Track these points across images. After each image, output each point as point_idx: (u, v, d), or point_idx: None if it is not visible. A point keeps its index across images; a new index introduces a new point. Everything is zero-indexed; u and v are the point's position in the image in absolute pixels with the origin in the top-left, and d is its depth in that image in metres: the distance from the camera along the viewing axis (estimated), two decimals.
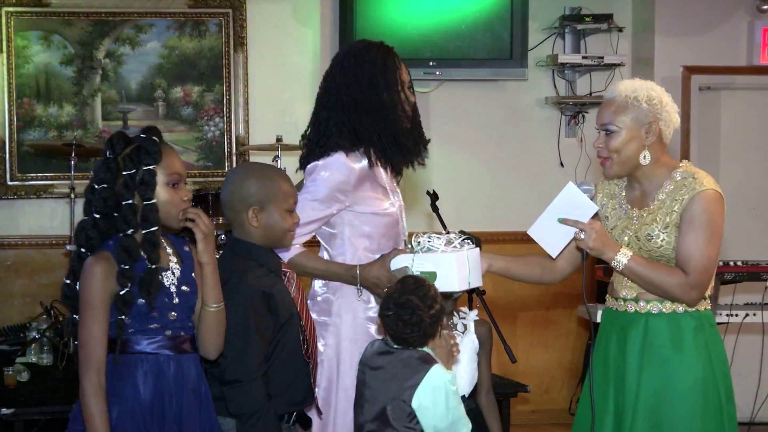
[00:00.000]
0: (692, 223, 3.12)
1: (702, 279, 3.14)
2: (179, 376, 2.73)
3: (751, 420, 5.97)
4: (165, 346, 2.73)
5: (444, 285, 3.08)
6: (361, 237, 3.38)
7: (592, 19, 6.31)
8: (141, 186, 2.69)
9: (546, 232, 3.15)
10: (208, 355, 2.82)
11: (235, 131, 6.19)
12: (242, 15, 6.17)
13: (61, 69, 6.05)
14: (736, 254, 5.86)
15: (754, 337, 5.90)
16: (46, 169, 6.05)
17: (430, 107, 6.35)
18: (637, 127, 3.17)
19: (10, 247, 6.04)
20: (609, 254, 3.12)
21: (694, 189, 3.14)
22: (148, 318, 2.70)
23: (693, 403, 3.12)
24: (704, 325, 3.20)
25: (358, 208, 3.36)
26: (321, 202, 3.31)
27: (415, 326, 2.92)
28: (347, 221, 3.38)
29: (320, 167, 3.34)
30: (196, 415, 2.75)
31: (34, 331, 5.17)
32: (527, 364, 6.00)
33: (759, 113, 6.67)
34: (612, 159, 3.19)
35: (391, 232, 3.43)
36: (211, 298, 2.78)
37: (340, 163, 3.33)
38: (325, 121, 3.39)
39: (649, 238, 3.17)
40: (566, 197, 3.12)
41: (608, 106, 3.21)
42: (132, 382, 2.69)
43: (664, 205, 3.17)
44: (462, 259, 3.09)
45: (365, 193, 3.37)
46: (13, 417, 4.30)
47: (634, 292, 3.22)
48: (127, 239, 2.68)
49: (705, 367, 3.15)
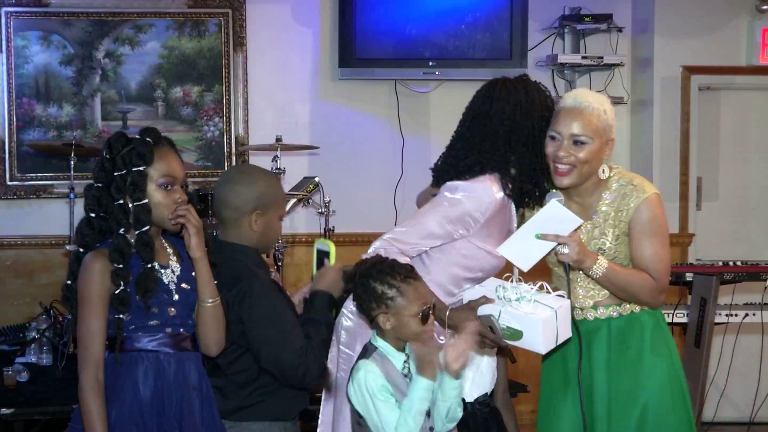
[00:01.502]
0: (645, 231, 3.16)
1: (665, 282, 3.21)
2: (180, 374, 2.74)
3: (751, 420, 5.96)
4: (165, 344, 2.73)
5: (530, 345, 3.02)
6: (463, 268, 3.27)
7: (591, 19, 6.31)
8: (130, 187, 2.70)
9: (520, 247, 3.12)
10: (209, 352, 2.83)
11: (234, 131, 6.19)
12: (242, 15, 6.17)
13: (61, 69, 6.05)
14: (735, 254, 5.87)
15: (753, 337, 5.89)
16: (45, 169, 6.05)
17: (429, 107, 6.35)
18: (602, 140, 3.17)
19: (9, 247, 6.04)
20: (588, 263, 3.13)
21: (638, 197, 3.16)
22: (147, 315, 2.70)
23: (664, 401, 3.17)
24: (660, 323, 3.28)
25: (477, 241, 3.24)
26: (449, 222, 3.19)
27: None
28: (458, 248, 3.25)
29: (463, 188, 3.21)
30: (197, 414, 2.75)
31: (34, 331, 5.15)
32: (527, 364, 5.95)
33: (759, 113, 6.67)
34: (576, 168, 3.16)
35: (492, 273, 3.30)
36: (206, 293, 2.77)
37: (485, 192, 3.20)
38: (476, 143, 3.26)
39: (601, 251, 3.18)
40: (549, 213, 3.10)
41: (577, 116, 3.15)
42: (132, 380, 2.70)
43: (609, 216, 3.19)
44: (550, 322, 2.98)
45: (491, 230, 3.25)
46: (13, 417, 4.30)
47: (591, 301, 3.25)
48: (119, 239, 2.69)
49: (668, 363, 3.22)
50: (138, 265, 2.70)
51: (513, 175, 3.24)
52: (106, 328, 2.69)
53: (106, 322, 2.69)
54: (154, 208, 2.72)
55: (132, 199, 2.70)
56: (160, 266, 2.75)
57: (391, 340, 2.90)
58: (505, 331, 3.01)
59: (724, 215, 6.65)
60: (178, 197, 2.74)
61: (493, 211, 3.22)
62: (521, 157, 3.23)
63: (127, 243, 2.68)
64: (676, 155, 6.39)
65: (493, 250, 3.23)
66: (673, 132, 6.39)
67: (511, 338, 3.02)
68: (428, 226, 3.19)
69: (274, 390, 2.98)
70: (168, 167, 2.74)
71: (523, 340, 3.01)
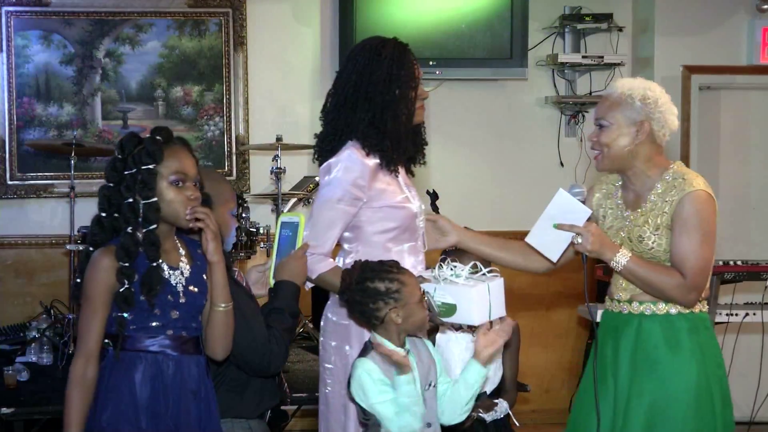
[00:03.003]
0: (685, 225, 3.11)
1: (699, 281, 3.13)
2: (178, 377, 2.73)
3: (751, 420, 5.96)
4: (166, 346, 2.73)
5: (464, 318, 3.05)
6: (382, 233, 3.27)
7: (592, 19, 6.31)
8: (140, 185, 2.70)
9: (544, 238, 3.16)
10: (215, 356, 2.82)
11: (235, 131, 6.19)
12: (242, 15, 6.17)
13: (61, 68, 6.05)
14: (736, 254, 5.86)
15: (754, 337, 5.89)
16: (45, 169, 6.05)
17: (430, 107, 6.29)
18: (627, 125, 3.18)
19: (10, 246, 6.04)
20: (608, 255, 3.12)
21: (684, 190, 3.13)
22: (149, 315, 2.70)
23: (685, 407, 3.11)
24: (699, 327, 3.19)
25: (375, 203, 3.25)
26: (339, 201, 3.20)
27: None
28: (366, 219, 3.25)
29: (332, 165, 3.24)
30: (195, 417, 2.74)
31: (34, 330, 5.15)
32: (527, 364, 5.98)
33: (759, 113, 6.67)
34: (602, 153, 3.22)
35: (410, 225, 3.30)
36: (221, 297, 2.77)
37: (352, 159, 3.22)
38: (336, 117, 3.31)
39: (640, 240, 3.17)
40: (559, 203, 3.13)
41: (604, 101, 3.24)
42: (129, 381, 2.69)
43: (656, 206, 3.17)
44: (482, 293, 3.02)
45: (380, 186, 3.26)
46: (13, 416, 4.30)
47: (628, 294, 3.22)
48: (126, 237, 2.69)
49: (699, 370, 3.13)
50: (145, 264, 2.70)
51: (373, 138, 3.24)
52: (104, 325, 2.69)
53: (106, 319, 2.69)
54: (167, 206, 2.72)
55: (141, 197, 2.70)
56: (169, 267, 2.75)
57: (394, 335, 2.91)
58: (441, 307, 3.03)
59: (725, 215, 6.59)
60: (191, 194, 2.74)
61: (370, 173, 3.23)
62: (376, 120, 3.24)
63: (134, 241, 2.68)
64: (677, 155, 6.38)
65: (393, 201, 3.25)
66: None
67: (446, 314, 3.04)
68: (325, 216, 3.20)
69: (239, 387, 2.97)
70: (179, 164, 2.74)
71: (457, 314, 3.03)
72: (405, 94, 3.28)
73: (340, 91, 3.33)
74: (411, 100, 3.29)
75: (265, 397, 3.05)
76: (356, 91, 3.28)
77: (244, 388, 2.99)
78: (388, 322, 2.90)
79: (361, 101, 3.27)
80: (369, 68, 3.28)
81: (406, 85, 3.27)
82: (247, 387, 2.99)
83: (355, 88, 3.28)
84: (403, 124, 3.28)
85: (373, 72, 3.27)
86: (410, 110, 3.29)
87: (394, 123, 3.26)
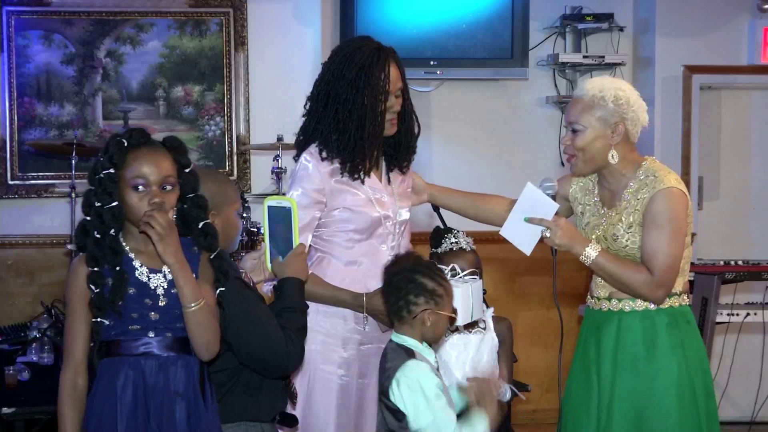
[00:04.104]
0: (654, 222, 3.13)
1: (667, 277, 3.14)
2: (162, 379, 2.68)
3: (752, 419, 5.96)
4: (150, 347, 2.68)
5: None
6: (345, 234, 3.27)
7: (592, 19, 6.31)
8: (100, 189, 2.68)
9: (516, 231, 3.20)
10: (200, 357, 2.74)
11: (235, 131, 6.19)
12: (243, 14, 6.17)
13: (62, 68, 6.06)
14: (736, 254, 5.87)
15: (754, 337, 5.90)
16: (46, 169, 6.06)
17: (430, 107, 6.35)
18: (602, 127, 3.18)
19: (10, 246, 6.04)
20: (577, 249, 3.15)
21: (655, 187, 3.14)
22: (128, 320, 2.67)
23: (668, 402, 3.13)
24: (679, 322, 3.20)
25: (336, 204, 3.26)
26: (303, 208, 3.19)
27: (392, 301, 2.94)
28: (331, 222, 3.27)
29: (293, 173, 3.29)
30: (181, 419, 2.68)
31: (35, 330, 5.16)
32: (527, 364, 5.99)
33: (760, 113, 6.67)
34: (577, 157, 3.23)
35: (369, 229, 3.29)
36: (186, 298, 2.68)
37: (303, 167, 3.26)
38: (308, 118, 3.33)
39: (615, 238, 3.18)
40: (528, 197, 3.17)
41: (575, 104, 3.23)
42: (111, 387, 2.66)
43: (629, 205, 3.19)
44: (466, 294, 3.06)
45: (339, 188, 3.26)
46: (14, 416, 4.30)
47: (607, 291, 3.24)
48: (91, 242, 2.67)
49: (679, 364, 3.15)
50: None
51: (332, 144, 3.25)
52: (88, 332, 2.68)
53: (88, 326, 2.67)
54: (128, 210, 2.68)
55: (103, 202, 2.68)
56: (150, 270, 2.70)
57: (418, 335, 2.92)
58: None
59: (726, 215, 6.65)
60: (154, 199, 2.67)
61: (322, 176, 3.24)
62: (340, 126, 3.24)
63: (99, 246, 2.66)
64: (678, 155, 6.38)
65: (352, 204, 3.25)
66: (674, 131, 6.39)
67: None
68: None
69: (253, 390, 2.96)
70: (138, 169, 2.68)
71: None
72: (373, 105, 3.23)
73: (314, 91, 3.34)
74: (379, 112, 3.24)
75: (278, 399, 3.05)
76: (327, 94, 3.28)
77: (258, 390, 2.97)
78: (419, 320, 2.89)
79: (331, 104, 3.27)
80: (339, 72, 3.27)
81: (372, 96, 3.23)
82: (262, 389, 2.98)
83: (326, 89, 3.28)
84: (369, 134, 3.24)
85: (342, 76, 3.26)
86: (377, 121, 3.24)
87: (358, 132, 3.23)
